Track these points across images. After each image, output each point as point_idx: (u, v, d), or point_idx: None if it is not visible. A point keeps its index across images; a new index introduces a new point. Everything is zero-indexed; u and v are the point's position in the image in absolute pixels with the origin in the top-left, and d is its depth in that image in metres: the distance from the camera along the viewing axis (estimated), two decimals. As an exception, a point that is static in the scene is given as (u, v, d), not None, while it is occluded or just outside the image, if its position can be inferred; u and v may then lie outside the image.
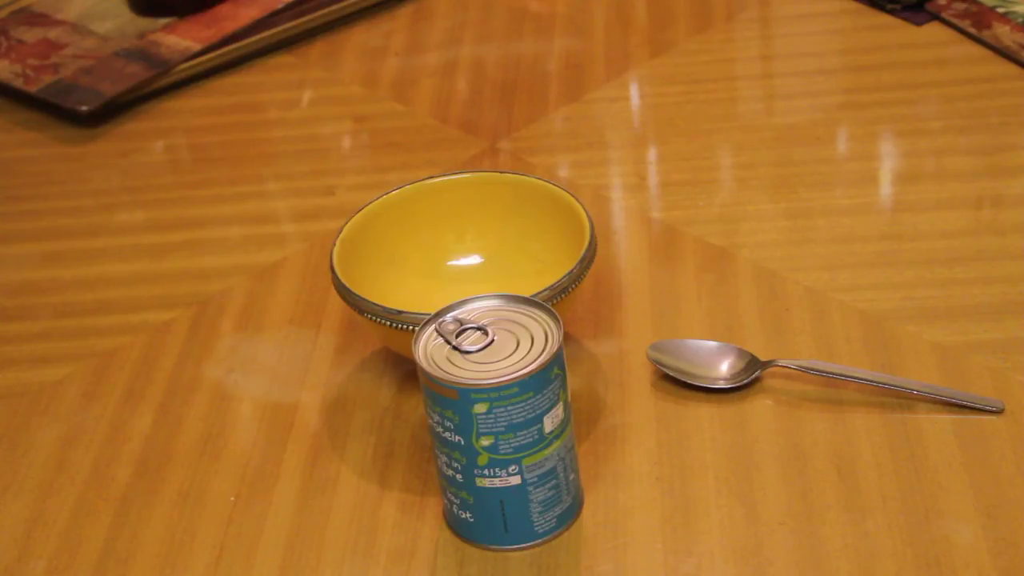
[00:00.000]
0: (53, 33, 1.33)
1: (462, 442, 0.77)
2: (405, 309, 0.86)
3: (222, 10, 1.33)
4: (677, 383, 0.91)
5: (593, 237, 0.90)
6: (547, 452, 0.79)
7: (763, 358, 0.90)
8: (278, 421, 0.92)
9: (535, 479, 0.79)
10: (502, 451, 0.77)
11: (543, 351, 0.77)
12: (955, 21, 1.23)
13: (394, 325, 0.86)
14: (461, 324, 0.79)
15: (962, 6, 1.24)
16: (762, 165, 1.11)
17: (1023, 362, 0.89)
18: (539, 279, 0.90)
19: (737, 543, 0.80)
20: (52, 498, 0.88)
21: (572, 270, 0.88)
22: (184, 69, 1.28)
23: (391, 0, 1.37)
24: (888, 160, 1.11)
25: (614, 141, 1.16)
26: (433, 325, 0.80)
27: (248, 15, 1.32)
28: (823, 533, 0.80)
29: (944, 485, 0.82)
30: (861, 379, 0.88)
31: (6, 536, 0.86)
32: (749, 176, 1.10)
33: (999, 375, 0.89)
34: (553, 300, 0.86)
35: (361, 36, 1.33)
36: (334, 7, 1.34)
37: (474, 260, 0.99)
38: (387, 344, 0.92)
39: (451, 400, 0.76)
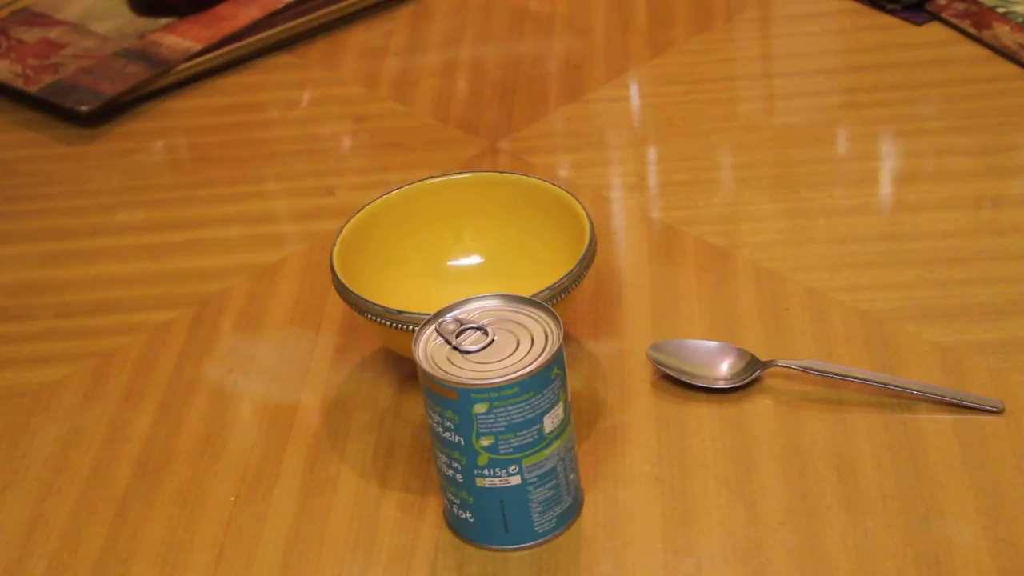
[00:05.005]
0: (53, 33, 1.33)
1: (462, 442, 0.77)
2: (405, 309, 0.86)
3: (222, 10, 1.33)
4: (677, 383, 0.91)
5: (593, 237, 0.90)
6: (547, 452, 0.79)
7: (763, 358, 0.90)
8: (278, 421, 0.92)
9: (535, 479, 0.79)
10: (502, 451, 0.77)
11: (543, 351, 0.77)
12: (955, 21, 1.23)
13: (394, 325, 0.86)
14: (461, 324, 0.79)
15: (962, 6, 1.24)
16: (762, 165, 1.11)
17: (1023, 362, 0.89)
18: (539, 279, 0.90)
19: (737, 543, 0.80)
20: (52, 498, 0.88)
21: (572, 270, 0.88)
22: (184, 69, 1.28)
23: (391, 0, 1.37)
24: (888, 160, 1.11)
25: (614, 141, 1.16)
26: (433, 325, 0.80)
27: (248, 15, 1.32)
28: (823, 533, 0.80)
29: (944, 485, 0.82)
30: (861, 379, 0.88)
31: (6, 536, 0.86)
32: (749, 176, 1.10)
33: (999, 375, 0.89)
34: (553, 300, 0.86)
35: (361, 36, 1.33)
36: (334, 7, 1.34)
37: (474, 260, 0.99)
38: (387, 344, 0.92)
39: (451, 400, 0.76)
